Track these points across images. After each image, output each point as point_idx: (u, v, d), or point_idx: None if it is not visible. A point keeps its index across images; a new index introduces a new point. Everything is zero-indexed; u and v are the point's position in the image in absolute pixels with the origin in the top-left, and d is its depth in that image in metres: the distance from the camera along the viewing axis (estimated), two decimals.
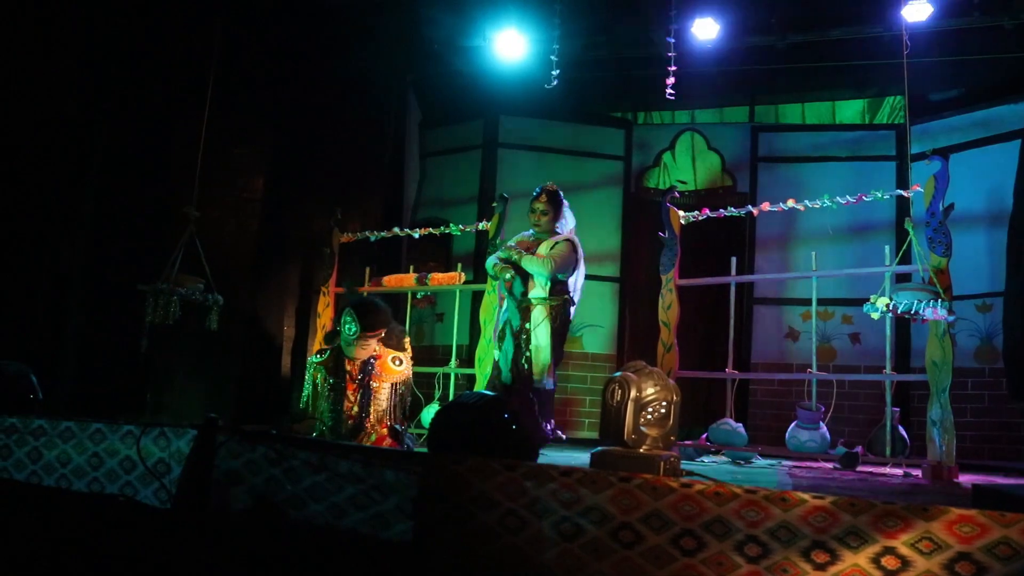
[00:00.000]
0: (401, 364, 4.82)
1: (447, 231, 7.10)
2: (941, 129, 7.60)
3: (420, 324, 8.40)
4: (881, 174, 7.73)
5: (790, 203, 5.91)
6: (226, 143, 6.78)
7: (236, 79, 6.72)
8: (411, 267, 7.05)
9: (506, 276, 5.42)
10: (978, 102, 7.57)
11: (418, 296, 7.34)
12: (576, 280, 5.58)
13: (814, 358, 5.94)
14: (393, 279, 6.97)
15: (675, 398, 4.05)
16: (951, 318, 4.97)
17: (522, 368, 5.23)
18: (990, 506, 2.24)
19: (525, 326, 5.30)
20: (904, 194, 5.71)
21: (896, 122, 8.29)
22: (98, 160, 6.61)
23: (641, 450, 3.93)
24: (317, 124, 7.70)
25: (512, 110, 8.56)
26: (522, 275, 5.43)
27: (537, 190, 5.68)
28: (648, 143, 8.83)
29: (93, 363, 6.40)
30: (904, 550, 2.06)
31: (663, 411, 3.97)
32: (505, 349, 5.37)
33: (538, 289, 5.35)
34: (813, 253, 6.11)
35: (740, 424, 6.11)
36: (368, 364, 4.76)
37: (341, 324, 4.82)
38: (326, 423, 4.77)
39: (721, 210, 6.29)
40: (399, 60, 8.40)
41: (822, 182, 7.54)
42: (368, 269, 7.14)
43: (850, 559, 2.09)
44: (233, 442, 2.83)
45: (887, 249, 5.72)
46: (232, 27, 6.59)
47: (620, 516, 2.28)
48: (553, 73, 6.66)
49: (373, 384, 4.73)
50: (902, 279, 5.85)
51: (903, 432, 5.64)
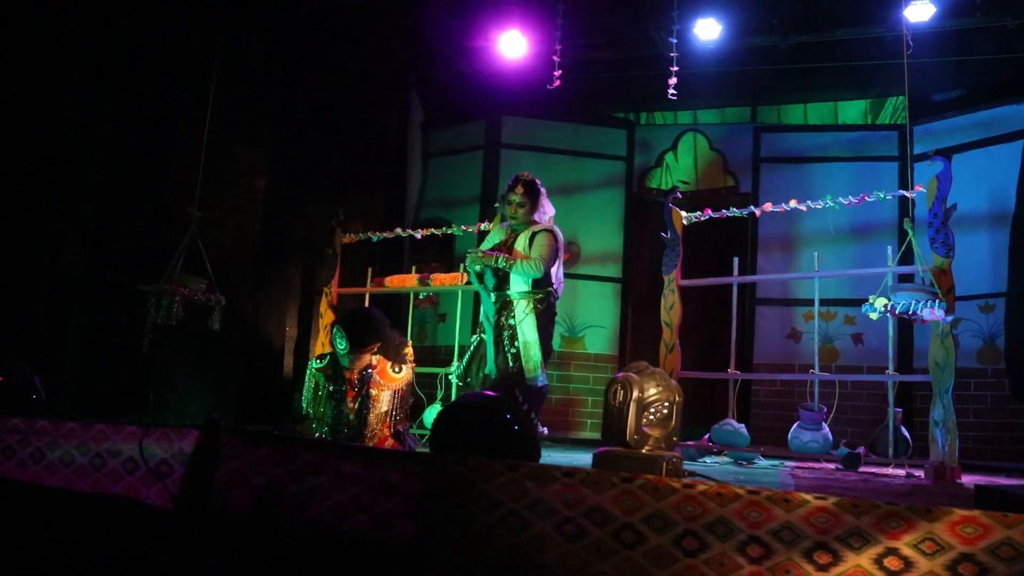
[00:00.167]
0: (400, 372, 4.76)
1: (449, 232, 7.10)
2: (944, 129, 7.60)
3: (422, 324, 8.40)
4: (883, 174, 7.73)
5: (792, 203, 5.91)
6: (227, 143, 6.78)
7: (238, 79, 6.73)
8: (413, 267, 7.06)
9: (476, 267, 5.04)
10: (981, 102, 7.58)
11: (420, 297, 7.35)
12: (558, 271, 5.19)
13: (816, 359, 5.94)
14: (395, 279, 6.98)
15: (677, 399, 4.06)
16: (948, 318, 4.96)
17: (507, 365, 4.94)
18: (993, 507, 2.23)
19: (509, 322, 4.98)
20: (906, 194, 5.70)
21: (898, 122, 8.29)
22: (98, 160, 6.61)
23: (643, 451, 3.93)
24: (319, 124, 7.72)
25: (514, 110, 8.56)
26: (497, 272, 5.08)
27: (512, 180, 5.18)
28: (650, 143, 8.83)
29: (95, 363, 6.41)
30: (907, 551, 2.05)
31: (665, 412, 3.97)
32: (487, 341, 5.09)
33: (520, 283, 4.99)
34: (815, 254, 6.10)
35: (742, 425, 6.11)
36: (366, 372, 4.72)
37: (333, 337, 4.75)
38: (327, 424, 4.76)
39: (723, 210, 6.29)
40: (401, 60, 8.41)
41: (824, 182, 7.56)
42: (370, 270, 7.15)
43: (853, 560, 2.08)
44: (236, 442, 2.82)
45: (889, 250, 5.73)
46: (234, 27, 6.60)
47: (622, 517, 2.28)
48: (555, 74, 6.66)
49: (372, 392, 4.70)
50: (904, 280, 5.84)
51: (905, 433, 5.64)
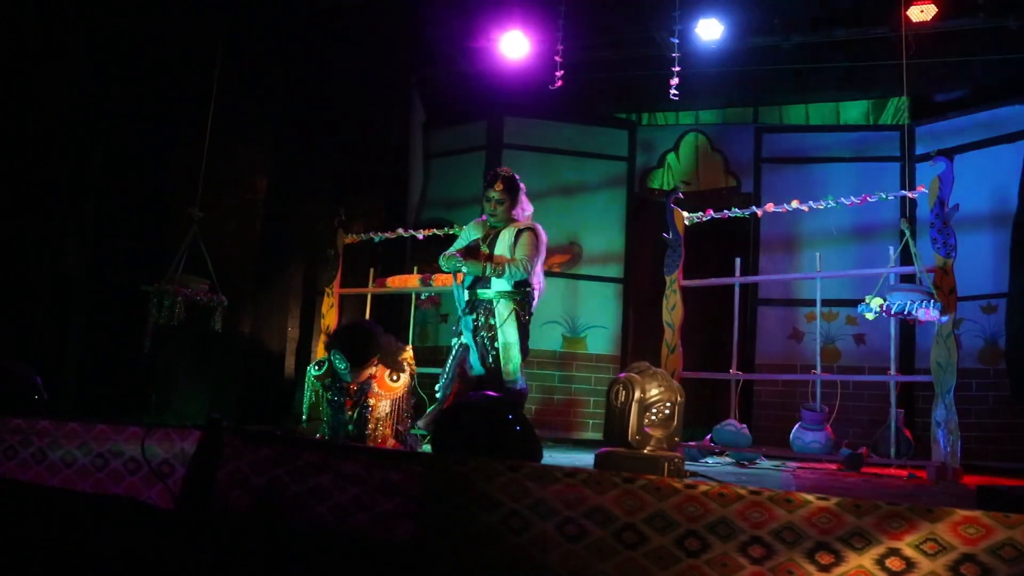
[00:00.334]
0: (398, 380, 4.72)
1: (451, 232, 7.10)
2: (946, 130, 7.59)
3: (424, 325, 8.40)
4: (885, 175, 7.72)
5: (794, 204, 5.90)
6: (228, 143, 6.77)
7: (239, 79, 6.72)
8: (415, 268, 7.06)
9: (461, 268, 4.87)
10: (983, 103, 7.57)
11: (422, 297, 7.34)
12: (539, 270, 5.02)
13: (818, 359, 5.93)
14: (397, 280, 6.98)
15: (679, 399, 4.06)
16: (944, 319, 4.95)
17: (489, 366, 4.84)
18: (995, 507, 2.23)
19: (490, 322, 4.85)
20: (908, 195, 5.70)
21: (900, 123, 8.28)
22: (98, 160, 6.61)
23: (645, 451, 3.93)
24: (320, 124, 7.71)
25: (516, 111, 8.55)
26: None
27: (490, 176, 4.99)
28: (652, 144, 8.82)
29: (96, 364, 6.41)
30: (909, 551, 2.05)
31: (667, 412, 3.97)
32: (467, 341, 4.96)
33: (501, 282, 4.85)
34: (817, 254, 6.10)
35: (744, 425, 6.11)
36: (365, 384, 4.70)
37: (331, 358, 4.69)
38: (328, 424, 4.75)
39: (725, 211, 6.28)
40: (403, 61, 8.41)
41: (826, 183, 7.55)
42: (372, 270, 7.15)
43: (854, 560, 2.08)
44: (237, 443, 2.82)
45: (891, 250, 5.72)
46: (235, 27, 6.59)
47: (624, 517, 2.28)
48: (557, 74, 6.65)
49: (371, 401, 4.68)
50: (906, 280, 5.84)
51: (907, 433, 5.63)
